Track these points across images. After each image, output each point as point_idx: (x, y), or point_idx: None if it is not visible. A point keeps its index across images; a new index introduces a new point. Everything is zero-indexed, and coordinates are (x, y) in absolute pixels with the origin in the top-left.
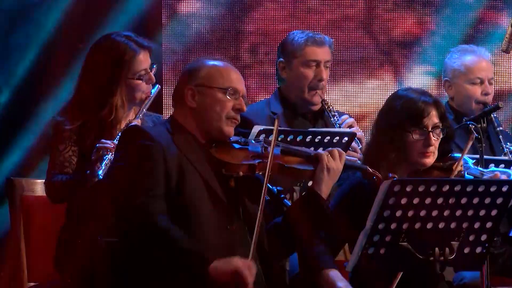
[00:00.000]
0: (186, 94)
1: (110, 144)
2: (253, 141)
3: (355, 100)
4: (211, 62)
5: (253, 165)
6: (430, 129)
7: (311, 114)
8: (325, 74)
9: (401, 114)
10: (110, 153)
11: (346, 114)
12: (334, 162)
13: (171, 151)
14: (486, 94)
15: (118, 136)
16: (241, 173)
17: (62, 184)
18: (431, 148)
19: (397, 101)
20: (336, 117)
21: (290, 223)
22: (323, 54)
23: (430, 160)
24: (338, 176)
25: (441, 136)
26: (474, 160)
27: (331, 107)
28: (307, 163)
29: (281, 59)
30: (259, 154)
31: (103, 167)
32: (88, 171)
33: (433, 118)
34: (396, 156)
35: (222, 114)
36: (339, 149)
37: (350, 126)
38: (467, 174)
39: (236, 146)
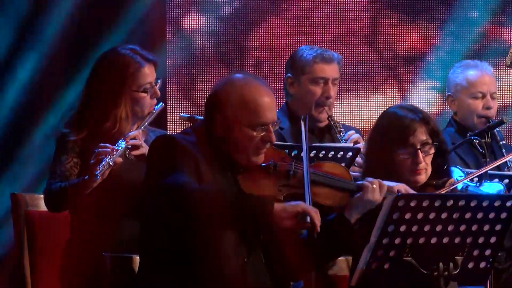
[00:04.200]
0: (214, 120)
1: (109, 148)
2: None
3: (359, 115)
4: (242, 89)
5: (278, 200)
6: (418, 147)
7: (317, 130)
8: (333, 91)
9: (388, 133)
10: (109, 157)
11: (353, 129)
12: (375, 195)
13: (196, 170)
14: (488, 108)
15: (119, 142)
16: None
17: (60, 190)
18: (421, 165)
19: (386, 119)
20: (343, 133)
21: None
22: (331, 71)
23: (422, 177)
24: (372, 207)
25: (432, 152)
26: (465, 174)
27: (337, 123)
28: (341, 197)
29: (289, 75)
30: (287, 181)
31: (101, 168)
32: (87, 177)
33: (420, 135)
34: (389, 175)
35: (249, 147)
36: (383, 182)
37: (356, 142)
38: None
39: (264, 171)
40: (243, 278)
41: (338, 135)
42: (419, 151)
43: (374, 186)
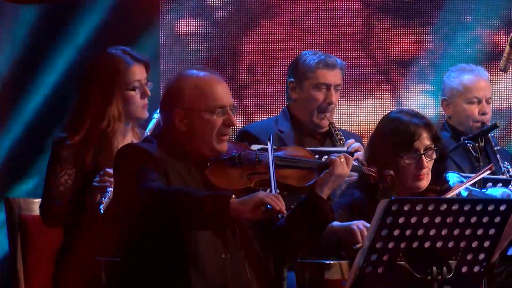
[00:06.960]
0: (174, 117)
1: (110, 182)
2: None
3: (352, 119)
4: (194, 79)
5: (249, 188)
6: (422, 152)
7: (319, 135)
8: (335, 97)
9: (392, 139)
10: (110, 189)
11: (353, 136)
12: (344, 168)
13: (165, 176)
14: (484, 113)
15: None
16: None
17: (60, 210)
18: (424, 171)
19: (388, 125)
20: (343, 141)
21: (292, 228)
22: (333, 77)
23: (424, 182)
24: (342, 181)
25: (434, 157)
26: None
27: (338, 131)
28: (308, 174)
29: (292, 79)
30: (254, 169)
31: (105, 201)
32: (89, 198)
33: (424, 140)
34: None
35: (212, 133)
36: (347, 154)
37: (356, 151)
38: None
39: (230, 163)
40: (222, 275)
41: (338, 143)
42: (423, 156)
43: (342, 160)
